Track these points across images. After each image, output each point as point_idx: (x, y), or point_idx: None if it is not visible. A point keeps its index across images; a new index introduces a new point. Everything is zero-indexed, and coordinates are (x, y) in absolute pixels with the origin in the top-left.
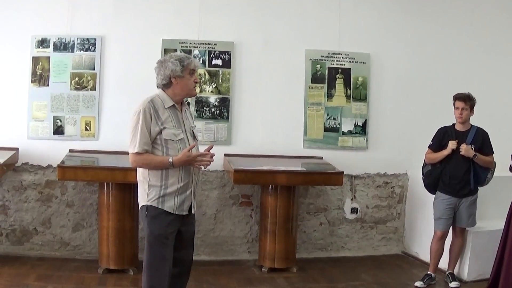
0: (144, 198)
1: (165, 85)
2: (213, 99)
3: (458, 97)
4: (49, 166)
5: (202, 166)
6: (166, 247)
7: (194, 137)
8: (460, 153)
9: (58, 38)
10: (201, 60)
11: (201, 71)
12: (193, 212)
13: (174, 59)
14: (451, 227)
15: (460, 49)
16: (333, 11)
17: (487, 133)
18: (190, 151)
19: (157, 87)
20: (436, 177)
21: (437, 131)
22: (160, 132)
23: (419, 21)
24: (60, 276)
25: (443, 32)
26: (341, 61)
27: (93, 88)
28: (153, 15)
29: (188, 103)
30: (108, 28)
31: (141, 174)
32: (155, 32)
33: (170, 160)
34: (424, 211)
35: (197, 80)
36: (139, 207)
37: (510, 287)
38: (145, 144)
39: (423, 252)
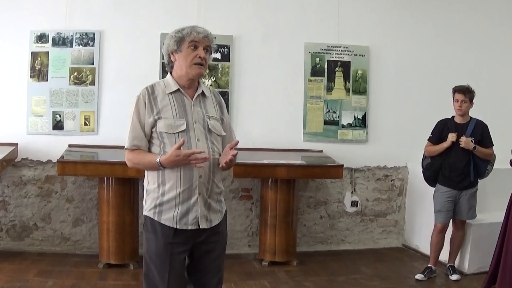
0: (144, 205)
1: (169, 66)
2: None
3: (457, 90)
4: (49, 161)
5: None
6: (164, 271)
7: (210, 131)
8: (460, 145)
9: (57, 33)
10: None
11: None
12: (203, 227)
13: (173, 32)
14: (451, 220)
15: (460, 41)
16: (332, 4)
17: (486, 126)
18: (180, 148)
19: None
20: (436, 170)
21: (436, 124)
22: (155, 124)
23: (418, 14)
24: (61, 271)
25: (443, 24)
26: (341, 54)
27: (92, 83)
28: (151, 9)
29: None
30: (107, 23)
31: (145, 174)
32: (153, 26)
33: (158, 159)
34: (424, 204)
35: (201, 55)
36: None
37: (508, 279)
38: (136, 139)
39: (424, 245)
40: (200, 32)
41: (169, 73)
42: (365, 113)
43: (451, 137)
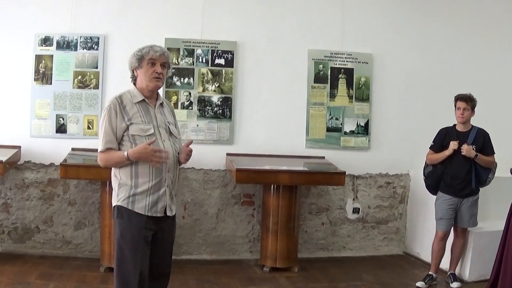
0: (115, 197)
1: (133, 79)
2: (215, 98)
3: (459, 98)
4: (52, 164)
5: (158, 163)
6: (137, 253)
7: (171, 133)
8: (461, 153)
9: (61, 37)
10: (204, 59)
11: (204, 70)
12: (169, 214)
13: (135, 51)
14: (452, 228)
15: (463, 49)
16: (336, 11)
17: (488, 134)
18: (149, 145)
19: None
20: (437, 178)
21: (438, 132)
22: (127, 128)
23: (422, 21)
24: (62, 274)
25: (446, 32)
26: (344, 61)
27: (96, 87)
28: (156, 14)
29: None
30: (111, 27)
31: (113, 172)
32: (158, 31)
33: (125, 153)
34: (426, 212)
35: (158, 70)
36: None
37: (508, 287)
38: (108, 142)
39: (425, 252)
40: (157, 51)
41: (133, 85)
42: (368, 120)
43: (453, 145)
